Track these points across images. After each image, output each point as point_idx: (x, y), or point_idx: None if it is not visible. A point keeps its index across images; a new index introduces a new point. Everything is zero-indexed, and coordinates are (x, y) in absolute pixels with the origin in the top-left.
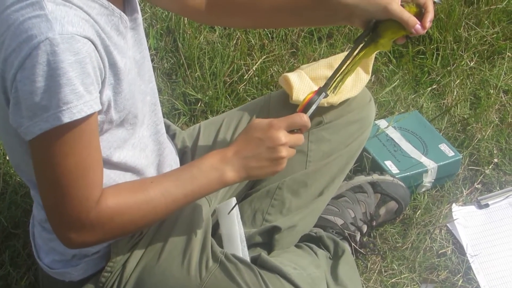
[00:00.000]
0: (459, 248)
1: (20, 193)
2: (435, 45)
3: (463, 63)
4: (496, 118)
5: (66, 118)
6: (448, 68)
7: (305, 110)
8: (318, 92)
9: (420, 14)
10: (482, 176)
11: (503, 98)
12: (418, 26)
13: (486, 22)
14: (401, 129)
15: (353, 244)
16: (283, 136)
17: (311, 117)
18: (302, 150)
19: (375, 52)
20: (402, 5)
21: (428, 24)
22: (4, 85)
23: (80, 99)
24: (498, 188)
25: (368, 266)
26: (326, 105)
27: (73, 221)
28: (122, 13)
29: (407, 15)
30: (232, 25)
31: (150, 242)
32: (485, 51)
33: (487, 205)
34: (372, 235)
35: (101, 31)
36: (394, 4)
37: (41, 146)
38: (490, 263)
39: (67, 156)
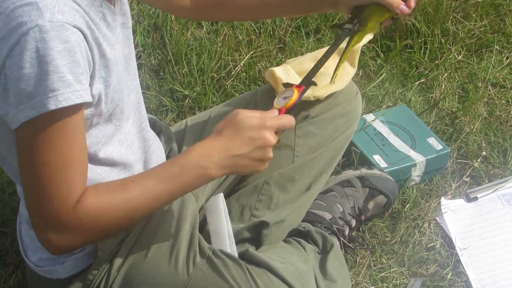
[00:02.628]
0: (448, 242)
1: (8, 191)
2: (423, 39)
3: (451, 56)
4: (485, 111)
5: (52, 105)
6: (436, 62)
7: (289, 111)
8: (303, 91)
9: None
10: (470, 169)
11: (491, 91)
12: (403, 6)
13: (473, 15)
14: (389, 123)
15: (341, 238)
16: (273, 138)
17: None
18: (289, 145)
19: (364, 38)
20: None
21: (413, 3)
22: None
23: (68, 87)
24: (486, 181)
25: (357, 260)
26: (312, 99)
27: (52, 221)
28: (111, 5)
29: None
30: (218, 19)
31: (137, 238)
32: (473, 45)
33: (475, 198)
34: (361, 230)
35: (91, 22)
36: None
37: (24, 136)
38: (479, 256)
39: (48, 148)
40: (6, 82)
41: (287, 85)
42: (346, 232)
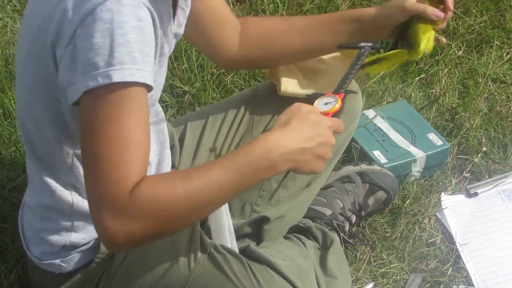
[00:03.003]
0: (448, 237)
1: (8, 187)
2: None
3: (451, 52)
4: (485, 106)
5: (117, 77)
6: (436, 58)
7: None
8: (343, 99)
9: (438, 3)
10: (471, 165)
11: (492, 86)
12: (437, 11)
13: (473, 11)
14: (389, 119)
15: (341, 234)
16: (333, 138)
17: None
18: None
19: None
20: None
21: (450, 4)
22: (53, 50)
23: (135, 64)
24: (487, 176)
25: (357, 256)
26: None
27: (107, 203)
28: (172, 15)
29: (423, 5)
30: (263, 67)
31: None
32: (473, 40)
33: (476, 194)
34: (361, 225)
35: (156, 15)
36: (408, 1)
37: (86, 107)
38: (479, 252)
39: (109, 122)
40: (75, 51)
41: (315, 96)
42: (346, 228)
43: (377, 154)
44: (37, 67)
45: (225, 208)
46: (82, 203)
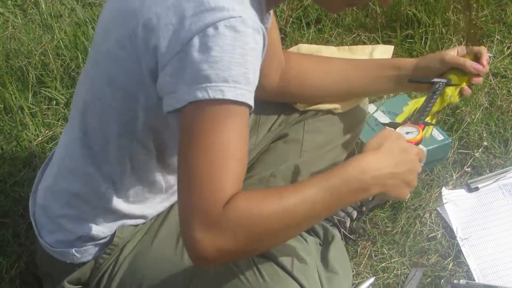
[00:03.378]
0: (449, 232)
1: (9, 182)
2: (424, 29)
3: (452, 46)
4: (486, 101)
5: (229, 95)
6: (437, 52)
7: None
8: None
9: (476, 60)
10: (471, 159)
11: (492, 81)
12: (475, 64)
13: (474, 5)
14: (390, 114)
15: (342, 230)
16: (419, 165)
17: None
18: (298, 139)
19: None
20: None
21: (485, 62)
22: (155, 53)
23: (247, 85)
24: (488, 171)
25: (358, 251)
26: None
27: (202, 213)
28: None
29: (463, 59)
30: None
31: (149, 227)
32: (474, 35)
33: (477, 189)
34: (362, 220)
35: None
36: (448, 54)
37: (189, 117)
38: (480, 246)
39: (212, 132)
40: (186, 59)
41: (394, 124)
42: (347, 224)
43: None
44: (126, 63)
45: None
46: (115, 199)
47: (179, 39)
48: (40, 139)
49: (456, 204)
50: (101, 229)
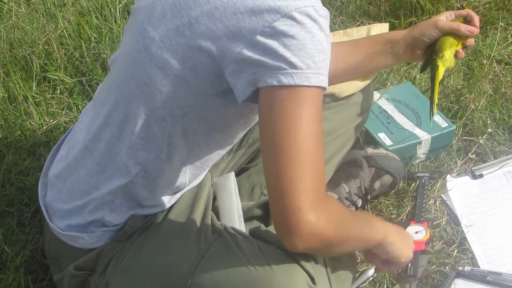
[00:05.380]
0: (454, 219)
1: (14, 171)
2: (428, 16)
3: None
4: (490, 88)
5: (314, 81)
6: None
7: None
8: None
9: (466, 23)
10: (476, 146)
11: (496, 68)
12: (469, 27)
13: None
14: (394, 101)
15: None
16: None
17: None
18: None
19: (443, 71)
20: None
21: (478, 24)
22: (228, 41)
23: (326, 70)
24: (492, 158)
25: None
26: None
27: (314, 194)
28: None
29: (456, 23)
30: None
31: (159, 215)
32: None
33: (481, 176)
34: (366, 207)
35: None
36: (441, 20)
37: (274, 100)
38: (485, 233)
39: (313, 121)
40: (264, 46)
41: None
42: None
43: (382, 136)
44: (182, 48)
45: (234, 192)
46: (139, 187)
47: (253, 28)
48: (44, 128)
49: (461, 191)
50: (115, 216)
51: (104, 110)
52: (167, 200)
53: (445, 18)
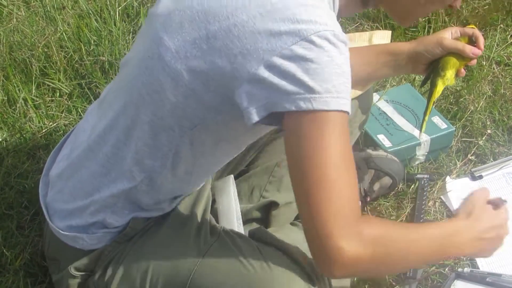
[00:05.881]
0: None
1: (13, 174)
2: (427, 18)
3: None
4: (489, 89)
5: (333, 105)
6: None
7: None
8: None
9: (471, 42)
10: (475, 147)
11: (496, 69)
12: (474, 49)
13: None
14: (393, 103)
15: None
16: (508, 230)
17: None
18: None
19: (442, 89)
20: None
21: (482, 46)
22: (243, 60)
23: (347, 94)
24: (491, 159)
25: None
26: None
27: (345, 220)
28: None
29: (461, 44)
30: None
31: (159, 218)
32: (477, 23)
33: (481, 177)
34: (366, 209)
35: None
36: (446, 39)
37: (295, 127)
38: None
39: (336, 146)
40: (282, 70)
41: None
42: None
43: (381, 138)
44: (196, 62)
45: (233, 193)
46: (143, 193)
47: (270, 48)
48: (44, 131)
49: (460, 192)
50: (117, 218)
51: (110, 113)
52: (168, 205)
53: (450, 35)
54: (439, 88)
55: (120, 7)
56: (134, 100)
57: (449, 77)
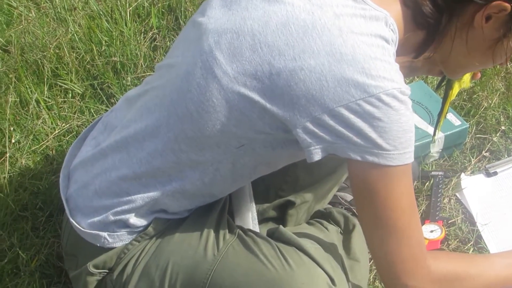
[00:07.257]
0: (469, 217)
1: (27, 175)
2: None
3: None
4: (502, 85)
5: (399, 162)
6: None
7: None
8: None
9: None
10: (489, 144)
11: (509, 65)
12: None
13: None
14: None
15: None
16: None
17: None
18: None
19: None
20: None
21: None
22: (305, 105)
23: (412, 146)
24: (506, 155)
25: None
26: None
27: (414, 263)
28: None
29: None
30: None
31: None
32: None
33: (495, 173)
34: None
35: None
36: None
37: (365, 177)
38: (500, 231)
39: (402, 196)
40: (348, 122)
41: None
42: None
43: None
44: (256, 94)
45: (249, 193)
46: (173, 200)
47: (337, 98)
48: (57, 132)
49: (475, 189)
50: (140, 220)
51: (150, 120)
52: (191, 210)
53: None
54: (455, 90)
55: (131, 8)
56: (180, 113)
57: (465, 80)
